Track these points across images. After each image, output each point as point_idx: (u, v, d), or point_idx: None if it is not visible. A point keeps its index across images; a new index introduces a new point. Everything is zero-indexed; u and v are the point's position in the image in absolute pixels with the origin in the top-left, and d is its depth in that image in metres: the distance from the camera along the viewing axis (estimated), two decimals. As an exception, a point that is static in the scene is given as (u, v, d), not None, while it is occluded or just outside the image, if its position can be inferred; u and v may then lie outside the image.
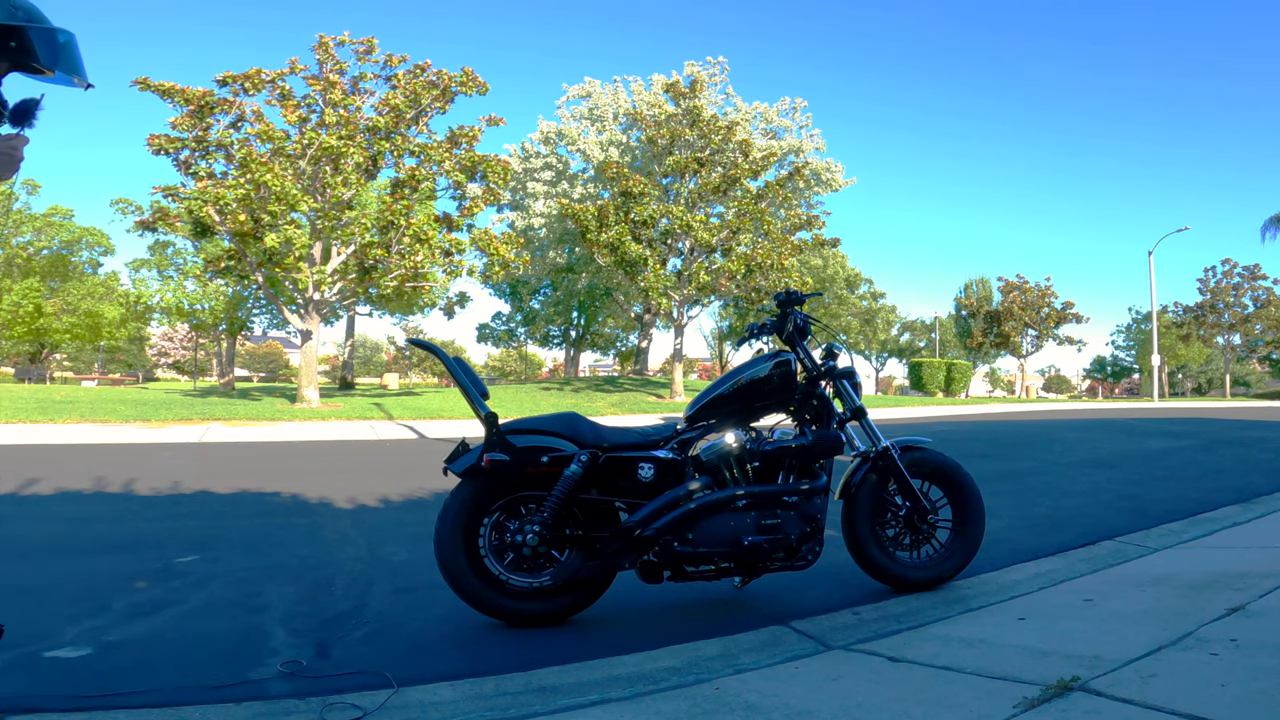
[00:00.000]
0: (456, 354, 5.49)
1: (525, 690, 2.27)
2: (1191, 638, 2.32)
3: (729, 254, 19.81)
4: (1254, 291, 45.81)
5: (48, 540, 4.39)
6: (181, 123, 15.32)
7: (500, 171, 17.45)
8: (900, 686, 2.15)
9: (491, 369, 69.67)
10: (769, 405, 3.21)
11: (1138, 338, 57.77)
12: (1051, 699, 1.92)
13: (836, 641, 2.64)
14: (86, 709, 2.11)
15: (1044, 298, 44.42)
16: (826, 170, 27.67)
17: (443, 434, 12.02)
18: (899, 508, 3.30)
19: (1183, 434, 11.52)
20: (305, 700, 2.19)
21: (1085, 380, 77.16)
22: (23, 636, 2.68)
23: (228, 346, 37.11)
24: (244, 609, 3.12)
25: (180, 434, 11.38)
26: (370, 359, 78.02)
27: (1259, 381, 62.29)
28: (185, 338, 55.83)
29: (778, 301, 3.42)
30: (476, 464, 2.89)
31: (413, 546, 4.18)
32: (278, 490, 6.21)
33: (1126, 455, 8.82)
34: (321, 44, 16.42)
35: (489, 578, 2.91)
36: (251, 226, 15.40)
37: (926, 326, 64.39)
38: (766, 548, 2.95)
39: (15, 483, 6.36)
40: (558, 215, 24.90)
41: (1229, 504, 5.36)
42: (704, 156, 20.20)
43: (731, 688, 2.21)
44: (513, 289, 35.73)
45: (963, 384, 40.06)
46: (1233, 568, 3.30)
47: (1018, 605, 2.97)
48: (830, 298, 48.56)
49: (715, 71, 26.95)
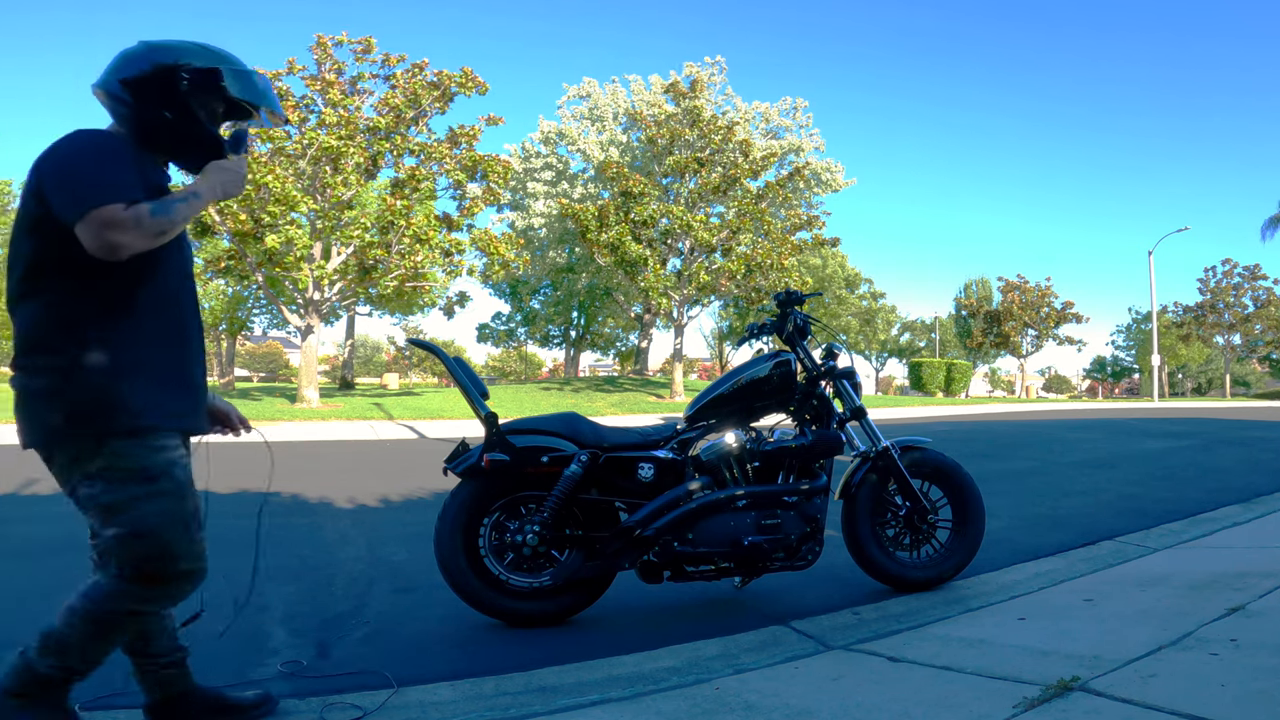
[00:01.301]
0: (456, 354, 5.49)
1: (525, 690, 2.27)
2: (1191, 638, 2.32)
3: (729, 254, 19.82)
4: (1254, 291, 45.79)
5: (48, 540, 4.39)
6: (182, 122, 15.31)
7: (500, 171, 17.45)
8: (900, 686, 2.14)
9: (491, 369, 69.66)
10: (769, 405, 3.21)
11: (1138, 338, 57.77)
12: (1051, 699, 1.92)
13: (836, 641, 2.64)
14: (87, 709, 2.11)
15: (1044, 298, 44.40)
16: (826, 170, 27.69)
17: (443, 434, 12.02)
18: (899, 508, 3.30)
19: (1183, 434, 11.52)
20: (305, 700, 2.19)
21: (1085, 380, 77.17)
22: (23, 636, 2.68)
23: (228, 346, 37.11)
24: (244, 609, 3.12)
25: (180, 434, 11.36)
26: (370, 359, 78.02)
27: (1259, 381, 62.28)
28: (185, 338, 55.73)
29: (778, 301, 3.43)
30: (476, 464, 2.89)
31: (413, 546, 4.18)
32: (277, 490, 6.21)
33: (1126, 455, 8.82)
34: (319, 44, 16.41)
35: (489, 578, 2.91)
36: (252, 226, 15.40)
37: (926, 326, 64.40)
38: (766, 548, 2.95)
39: (15, 483, 6.36)
40: (558, 215, 24.90)
41: (1229, 504, 5.36)
42: (704, 156, 20.20)
43: (731, 688, 2.21)
44: (513, 289, 35.73)
45: (963, 384, 40.06)
46: (1233, 568, 3.30)
47: (1018, 605, 2.97)
48: (830, 298, 48.55)
49: (714, 71, 26.98)
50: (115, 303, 1.71)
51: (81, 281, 1.68)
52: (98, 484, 1.69)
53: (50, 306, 1.69)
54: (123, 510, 1.69)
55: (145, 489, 1.70)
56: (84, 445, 1.69)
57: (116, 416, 1.69)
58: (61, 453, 1.72)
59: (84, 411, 1.67)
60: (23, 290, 1.71)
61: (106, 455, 1.68)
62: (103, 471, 1.69)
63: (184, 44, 1.82)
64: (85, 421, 1.68)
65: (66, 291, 1.69)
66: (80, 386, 1.67)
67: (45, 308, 1.69)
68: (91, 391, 1.68)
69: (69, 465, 1.71)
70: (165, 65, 1.78)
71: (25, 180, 1.74)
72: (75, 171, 1.65)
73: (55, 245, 1.66)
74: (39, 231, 1.68)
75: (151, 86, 1.77)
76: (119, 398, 1.69)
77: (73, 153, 1.68)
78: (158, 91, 1.77)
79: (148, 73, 1.77)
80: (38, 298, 1.70)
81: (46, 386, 1.69)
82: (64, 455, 1.71)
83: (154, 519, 1.71)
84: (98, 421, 1.68)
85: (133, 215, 1.61)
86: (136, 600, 1.75)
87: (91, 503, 1.71)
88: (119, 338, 1.71)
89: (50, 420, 1.69)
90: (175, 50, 1.80)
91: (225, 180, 1.84)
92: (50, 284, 1.69)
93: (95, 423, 1.68)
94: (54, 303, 1.69)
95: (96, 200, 1.59)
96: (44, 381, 1.69)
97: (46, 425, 1.70)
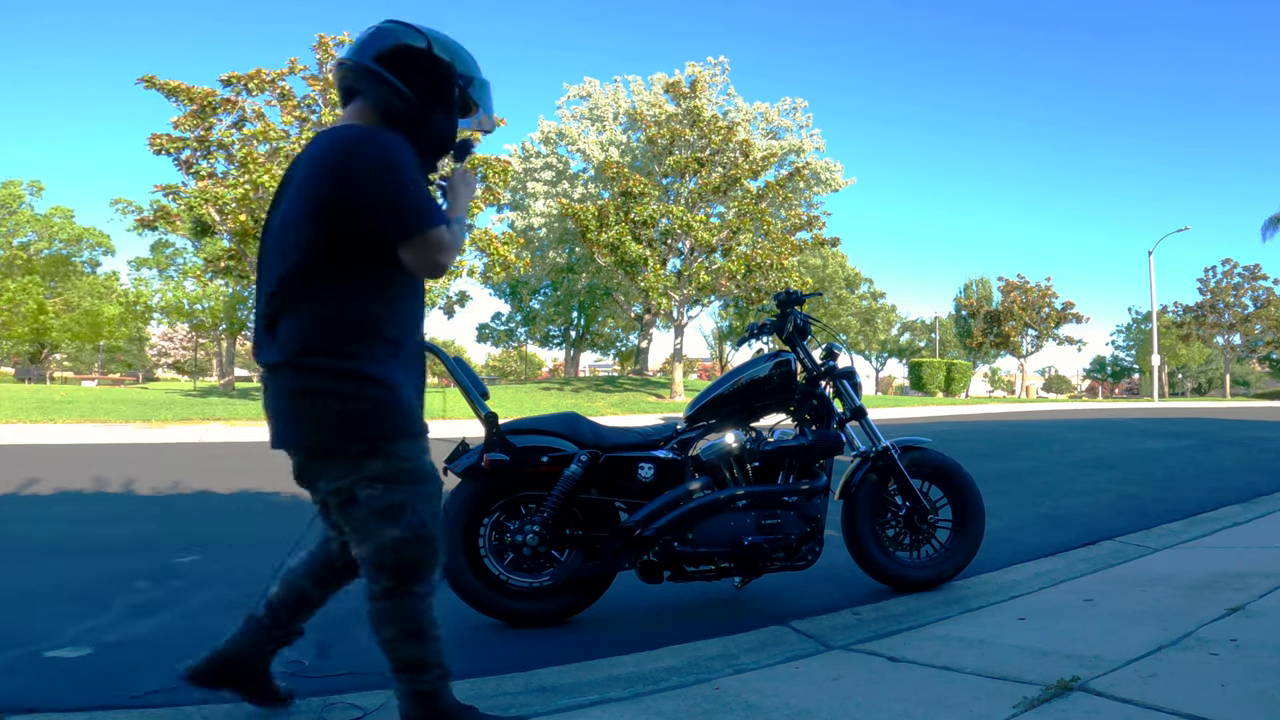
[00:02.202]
0: (456, 354, 5.49)
1: (525, 690, 2.27)
2: (1191, 638, 2.32)
3: (729, 254, 19.81)
4: (1254, 291, 45.80)
5: (48, 540, 4.40)
6: (183, 122, 15.32)
7: (500, 172, 17.46)
8: (900, 686, 2.15)
9: (491, 369, 69.66)
10: (769, 405, 3.21)
11: (1138, 338, 57.78)
12: (1051, 699, 1.92)
13: (836, 641, 2.64)
14: (86, 709, 2.11)
15: (1044, 298, 44.40)
16: (826, 170, 27.69)
17: (443, 434, 12.00)
18: (899, 508, 3.30)
19: (1183, 434, 11.52)
20: (305, 700, 2.19)
21: (1085, 380, 77.18)
22: (23, 636, 2.69)
23: (228, 346, 37.08)
24: (244, 609, 3.11)
25: (180, 434, 11.39)
26: (370, 359, 77.87)
27: (1259, 381, 62.29)
28: (185, 338, 55.81)
29: (778, 301, 3.42)
30: (476, 464, 2.89)
31: (413, 546, 4.17)
32: (278, 490, 6.21)
33: (1126, 455, 8.82)
34: (321, 44, 16.42)
35: (489, 578, 2.91)
36: (251, 226, 15.39)
37: (926, 326, 64.40)
38: (766, 548, 2.95)
39: (15, 483, 6.36)
40: (558, 215, 24.91)
41: (1229, 504, 5.35)
42: (704, 156, 20.21)
43: (731, 688, 2.21)
44: (513, 289, 35.73)
45: (963, 384, 40.06)
46: (1233, 568, 3.30)
47: (1018, 605, 2.97)
48: (830, 298, 48.56)
49: (716, 71, 26.96)
50: (397, 306, 1.75)
51: (372, 284, 1.70)
52: (379, 486, 1.71)
53: (343, 305, 1.69)
54: (403, 511, 1.72)
55: (422, 490, 1.75)
56: (369, 448, 1.70)
57: (401, 420, 1.72)
58: (343, 455, 1.71)
59: (375, 415, 1.69)
60: (309, 283, 1.68)
61: (390, 458, 1.71)
62: (384, 474, 1.71)
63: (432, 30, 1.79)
64: (375, 424, 1.69)
65: (359, 292, 1.69)
66: (372, 389, 1.69)
67: (338, 306, 1.68)
68: (381, 394, 1.69)
69: (349, 468, 1.71)
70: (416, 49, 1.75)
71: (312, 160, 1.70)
72: (404, 185, 1.64)
73: (344, 240, 1.66)
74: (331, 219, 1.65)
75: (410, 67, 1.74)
76: (404, 401, 1.73)
77: (397, 163, 1.64)
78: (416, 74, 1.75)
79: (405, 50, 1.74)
80: (327, 294, 1.68)
81: (338, 388, 1.68)
82: (345, 457, 1.71)
83: (430, 520, 1.76)
84: (385, 424, 1.70)
85: (452, 238, 1.68)
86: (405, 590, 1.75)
87: (371, 504, 1.71)
88: (401, 342, 1.75)
89: (337, 423, 1.69)
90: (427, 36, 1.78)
91: (469, 195, 1.88)
92: (340, 280, 1.68)
93: (384, 425, 1.70)
94: (347, 302, 1.69)
95: (432, 221, 1.64)
96: (333, 383, 1.68)
97: (332, 427, 1.69)
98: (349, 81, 1.79)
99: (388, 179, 1.63)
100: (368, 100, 1.76)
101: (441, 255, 1.65)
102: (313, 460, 1.77)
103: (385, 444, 1.70)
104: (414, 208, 1.63)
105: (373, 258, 1.67)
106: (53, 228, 37.45)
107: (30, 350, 41.24)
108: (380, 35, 1.76)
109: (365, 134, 1.68)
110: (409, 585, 1.74)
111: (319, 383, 1.68)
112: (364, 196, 1.62)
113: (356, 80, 1.77)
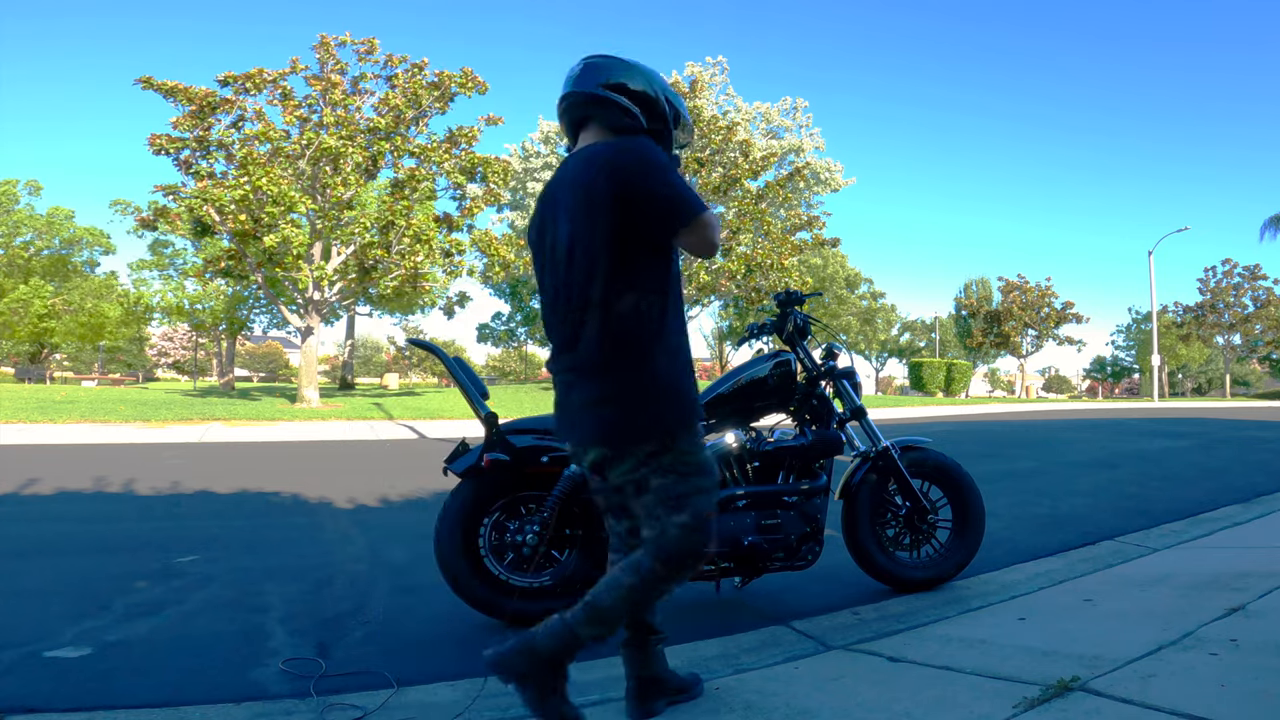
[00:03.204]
0: (456, 354, 5.49)
1: (525, 690, 2.26)
2: (1191, 638, 2.32)
3: (729, 254, 19.82)
4: (1254, 291, 45.85)
5: (48, 540, 4.40)
6: (183, 122, 15.32)
7: (500, 172, 17.46)
8: (900, 686, 2.15)
9: (491, 369, 69.64)
10: (769, 405, 3.21)
11: (1138, 338, 57.77)
12: (1051, 699, 1.92)
13: (836, 641, 2.64)
14: (86, 709, 2.11)
15: (1044, 298, 44.44)
16: (826, 170, 27.71)
17: (443, 434, 12.02)
18: (899, 508, 3.30)
19: (1183, 434, 11.52)
20: (305, 700, 2.19)
21: (1085, 380, 77.18)
22: (23, 636, 2.69)
23: (228, 346, 37.10)
24: (244, 609, 3.12)
25: (180, 434, 11.39)
26: (370, 359, 77.99)
27: (1259, 381, 62.29)
28: (185, 338, 55.81)
29: (778, 301, 3.42)
30: (476, 464, 2.89)
31: (413, 546, 4.18)
32: (278, 490, 6.21)
33: (1126, 455, 8.82)
34: (323, 43, 16.43)
35: (489, 578, 2.90)
36: (251, 226, 15.39)
37: (926, 326, 64.40)
38: (766, 548, 2.95)
39: (15, 483, 6.36)
40: (558, 215, 24.83)
41: (1229, 504, 5.35)
42: (704, 156, 20.22)
43: (731, 688, 2.21)
44: (513, 289, 35.72)
45: (963, 384, 40.08)
46: (1233, 568, 3.30)
47: (1018, 605, 2.97)
48: (830, 298, 48.56)
49: (715, 71, 26.98)
50: (676, 304, 1.89)
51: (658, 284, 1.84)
52: (670, 476, 1.81)
53: (640, 306, 1.82)
54: (689, 500, 1.81)
55: (705, 481, 1.86)
56: (663, 441, 1.81)
57: (690, 413, 1.85)
58: (639, 450, 1.82)
59: (667, 410, 1.82)
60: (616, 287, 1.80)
61: (680, 450, 1.82)
62: (675, 465, 1.82)
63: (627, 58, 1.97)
64: (668, 419, 1.82)
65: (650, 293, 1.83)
66: (667, 384, 1.82)
67: (634, 308, 1.81)
68: (674, 387, 1.84)
69: (644, 460, 1.82)
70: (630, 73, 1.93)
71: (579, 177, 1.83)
72: (672, 178, 1.80)
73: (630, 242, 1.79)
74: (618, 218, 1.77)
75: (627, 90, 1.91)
76: (691, 395, 1.87)
77: (660, 160, 1.81)
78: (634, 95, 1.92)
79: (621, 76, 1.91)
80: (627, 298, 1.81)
81: (640, 386, 1.81)
82: (641, 452, 1.82)
83: (709, 509, 1.85)
84: (677, 418, 1.83)
85: (718, 218, 1.85)
86: (671, 580, 1.84)
87: (662, 493, 1.81)
88: (683, 337, 1.90)
89: (638, 419, 1.81)
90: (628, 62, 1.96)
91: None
92: (636, 284, 1.82)
93: (677, 419, 1.82)
94: (642, 303, 1.82)
95: (703, 205, 1.81)
96: (636, 381, 1.81)
97: (633, 425, 1.81)
98: (579, 112, 1.95)
99: (658, 174, 1.79)
100: (601, 124, 1.93)
101: (716, 235, 1.82)
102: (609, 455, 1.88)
103: (679, 436, 1.82)
104: (688, 195, 1.80)
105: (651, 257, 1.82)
106: (54, 226, 37.43)
107: (30, 350, 41.24)
108: (595, 68, 1.94)
109: (623, 142, 1.84)
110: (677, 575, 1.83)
111: (625, 382, 1.81)
112: (645, 191, 1.77)
113: (587, 108, 1.93)
